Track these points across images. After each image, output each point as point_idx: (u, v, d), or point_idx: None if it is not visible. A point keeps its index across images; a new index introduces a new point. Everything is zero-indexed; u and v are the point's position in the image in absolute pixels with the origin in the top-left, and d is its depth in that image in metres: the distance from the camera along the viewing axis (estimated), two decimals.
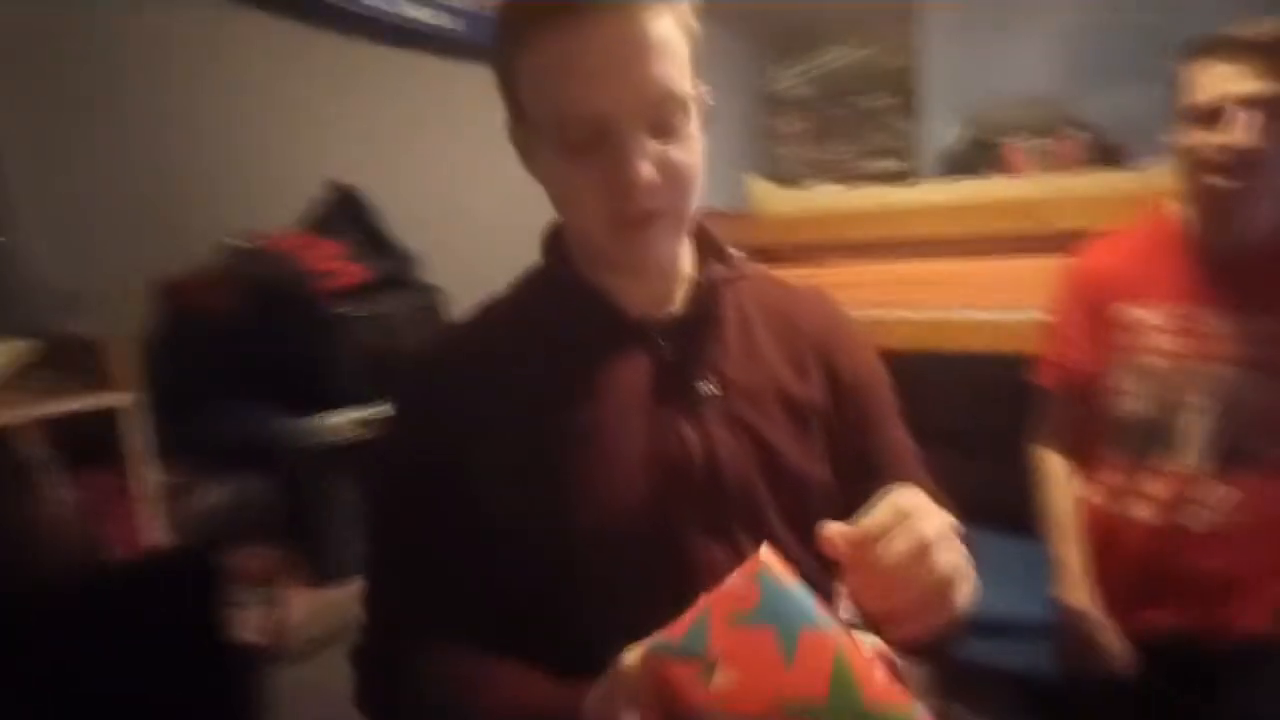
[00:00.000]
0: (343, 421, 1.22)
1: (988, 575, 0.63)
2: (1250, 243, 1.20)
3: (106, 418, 1.15)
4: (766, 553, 0.51)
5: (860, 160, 3.33)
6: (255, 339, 1.20)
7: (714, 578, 0.58)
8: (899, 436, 0.80)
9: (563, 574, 0.66)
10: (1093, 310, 1.34)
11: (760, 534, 0.67)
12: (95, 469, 1.16)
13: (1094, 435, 1.36)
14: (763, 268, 0.82)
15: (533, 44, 0.60)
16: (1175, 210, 1.30)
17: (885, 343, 2.18)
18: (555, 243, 0.74)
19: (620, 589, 0.65)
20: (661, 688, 0.47)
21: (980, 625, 0.66)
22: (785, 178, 3.10)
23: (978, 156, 2.42)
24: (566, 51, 0.58)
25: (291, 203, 1.56)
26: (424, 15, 1.95)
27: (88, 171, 1.40)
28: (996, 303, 1.98)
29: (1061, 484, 1.38)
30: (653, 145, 0.61)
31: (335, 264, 1.28)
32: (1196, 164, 1.17)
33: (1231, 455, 1.20)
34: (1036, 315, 1.89)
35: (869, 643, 0.54)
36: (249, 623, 1.20)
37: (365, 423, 1.25)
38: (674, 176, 0.62)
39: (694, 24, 0.64)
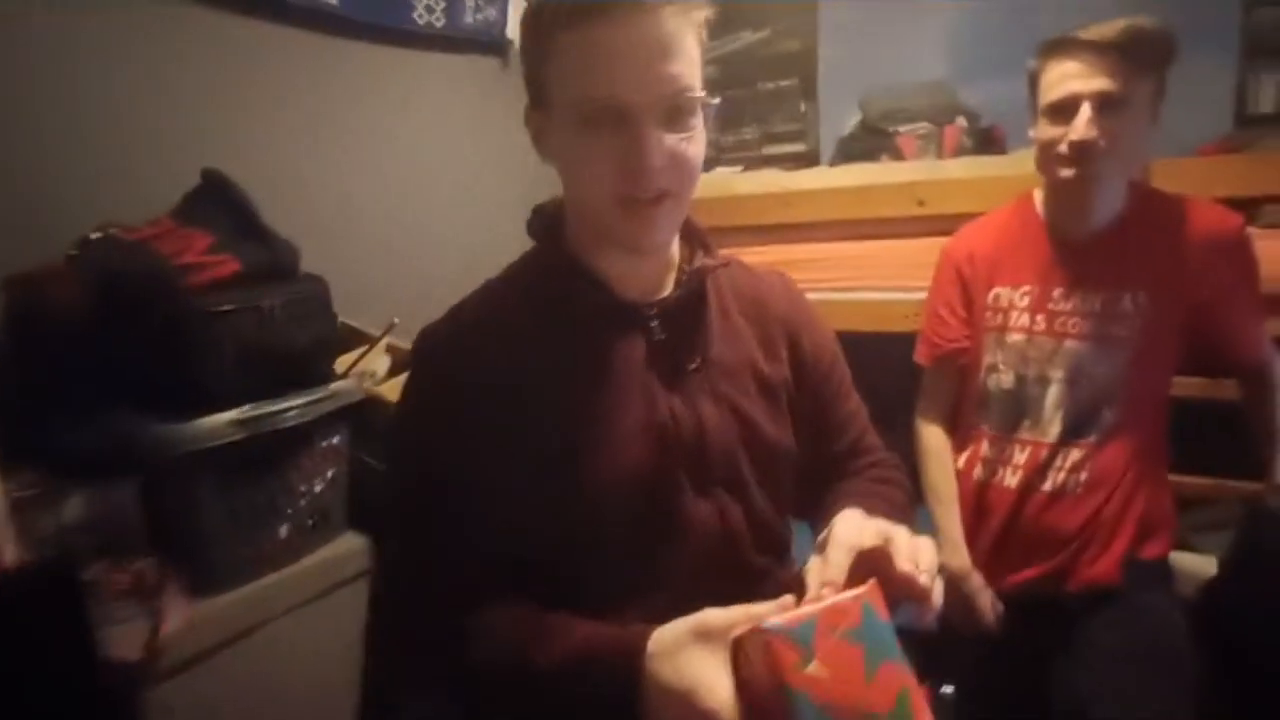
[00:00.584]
0: (215, 424, 1.16)
1: None
2: (1096, 228, 1.30)
3: None
4: (873, 586, 0.60)
5: (766, 144, 3.38)
6: (110, 337, 1.11)
7: (701, 531, 0.76)
8: (853, 405, 0.94)
9: (573, 528, 0.74)
10: (963, 290, 1.42)
11: (739, 494, 0.79)
12: None
13: (967, 409, 1.44)
14: (735, 255, 0.90)
15: (566, 35, 0.67)
16: (1037, 197, 1.38)
17: None
18: (550, 227, 0.82)
19: (621, 541, 0.74)
20: (766, 656, 0.55)
21: None
22: None
23: (872, 142, 2.49)
24: (597, 44, 0.66)
25: (162, 191, 1.44)
26: None
27: None
28: (888, 283, 2.06)
29: (939, 455, 1.46)
30: (665, 135, 0.69)
31: (203, 256, 1.20)
32: (1049, 156, 1.24)
33: (1079, 422, 1.30)
34: (919, 295, 2.00)
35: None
36: (121, 639, 1.13)
37: (239, 423, 1.19)
38: (680, 164, 0.70)
39: (704, 32, 0.72)
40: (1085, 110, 1.18)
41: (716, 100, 0.74)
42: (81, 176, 1.46)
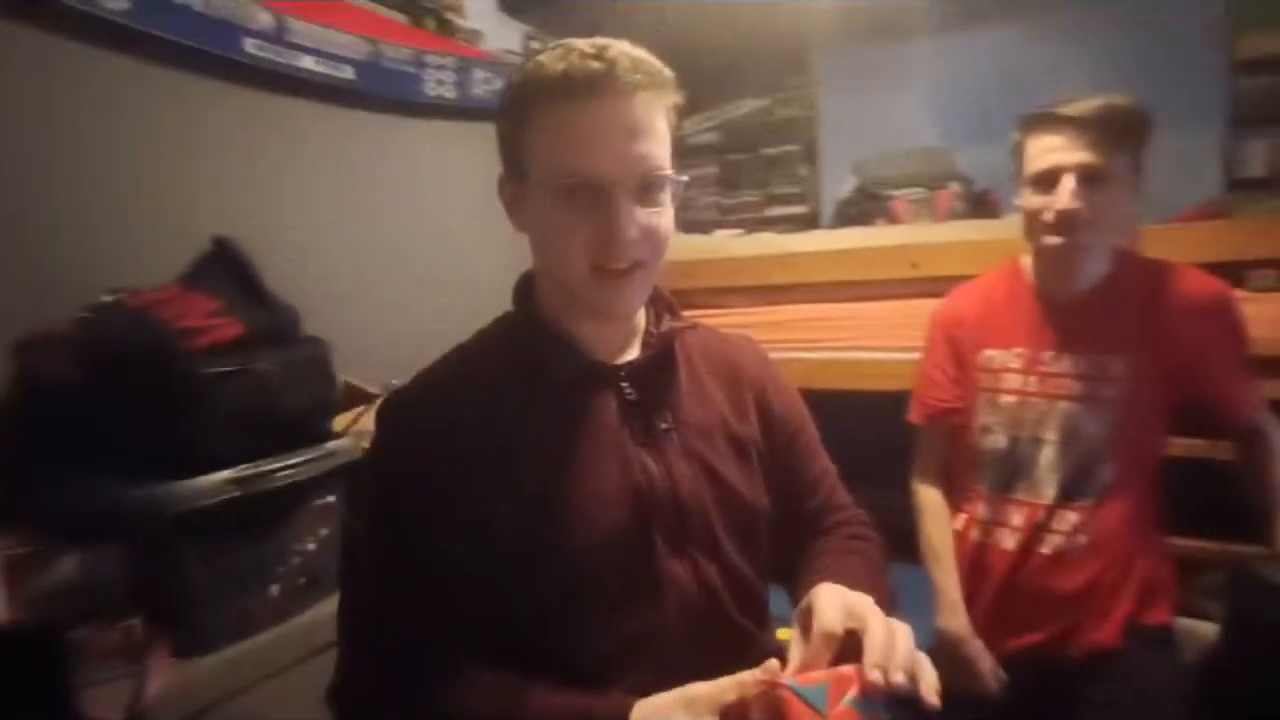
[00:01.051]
0: (205, 484, 1.18)
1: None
2: (1082, 291, 1.32)
3: None
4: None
5: (767, 206, 3.46)
6: (106, 401, 1.15)
7: (680, 593, 0.76)
8: (822, 463, 0.94)
9: (549, 592, 0.73)
10: (954, 352, 1.43)
11: (713, 552, 0.79)
12: None
13: (962, 469, 1.44)
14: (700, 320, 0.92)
15: (546, 111, 0.71)
16: (1025, 262, 1.41)
17: None
18: (527, 293, 0.83)
19: (600, 605, 0.74)
20: (783, 712, 0.58)
21: None
22: (695, 224, 3.19)
23: (869, 206, 2.55)
24: (575, 122, 0.70)
25: (177, 257, 1.50)
26: (316, 65, 1.94)
27: None
28: (883, 343, 2.08)
29: (936, 515, 1.45)
30: (637, 209, 0.72)
31: (205, 320, 1.24)
32: (1035, 224, 1.28)
33: (1074, 483, 1.30)
34: (914, 355, 2.02)
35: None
36: (104, 701, 1.13)
37: (233, 482, 1.21)
38: (651, 237, 0.73)
39: (673, 115, 0.76)
40: (1068, 181, 1.22)
41: (684, 178, 0.77)
42: (95, 240, 1.53)
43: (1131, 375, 1.28)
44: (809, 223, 3.15)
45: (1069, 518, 1.30)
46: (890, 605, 0.74)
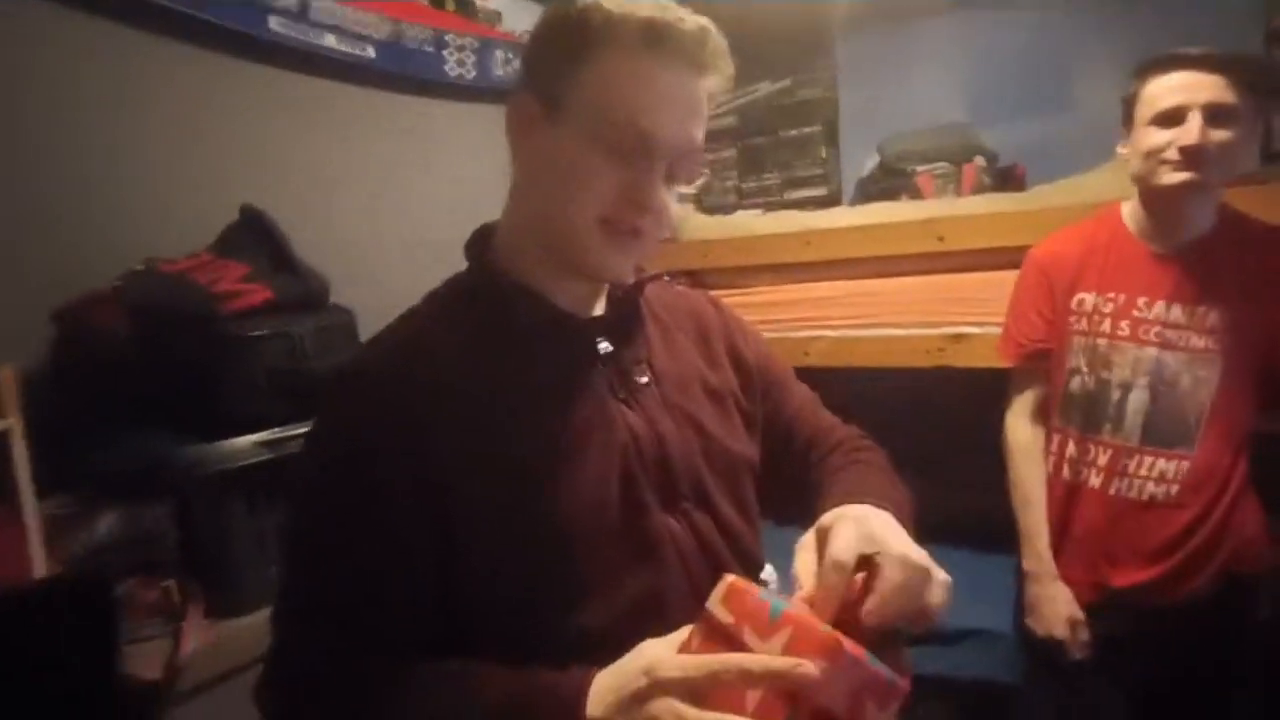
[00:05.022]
0: (244, 445, 1.19)
1: None
2: (1185, 241, 1.32)
3: None
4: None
5: (788, 189, 3.44)
6: (149, 361, 1.16)
7: (676, 549, 0.72)
8: (800, 394, 0.93)
9: (537, 561, 0.67)
10: (1048, 293, 1.45)
11: (706, 506, 0.77)
12: None
13: (1052, 410, 1.45)
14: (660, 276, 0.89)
15: (625, 53, 0.67)
16: (1125, 209, 1.41)
17: (804, 360, 2.22)
18: (483, 248, 0.78)
19: (593, 567, 0.69)
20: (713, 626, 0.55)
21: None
22: (715, 207, 3.18)
23: (892, 183, 2.53)
24: (655, 78, 0.67)
25: (207, 230, 1.53)
26: (338, 44, 1.95)
27: None
28: (909, 319, 2.06)
29: (1029, 457, 1.47)
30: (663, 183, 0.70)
31: (238, 285, 1.26)
32: (1154, 162, 1.27)
33: (1162, 431, 1.30)
34: (945, 330, 2.00)
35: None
36: (142, 658, 1.15)
37: (268, 444, 1.22)
38: (663, 213, 0.72)
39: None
40: (1196, 116, 1.22)
41: (705, 172, 0.75)
42: (129, 214, 1.55)
43: (1227, 329, 1.28)
44: (831, 203, 3.11)
45: (1158, 465, 1.31)
46: (905, 511, 0.72)
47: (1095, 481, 1.36)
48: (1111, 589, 1.36)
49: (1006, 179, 2.29)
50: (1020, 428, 1.48)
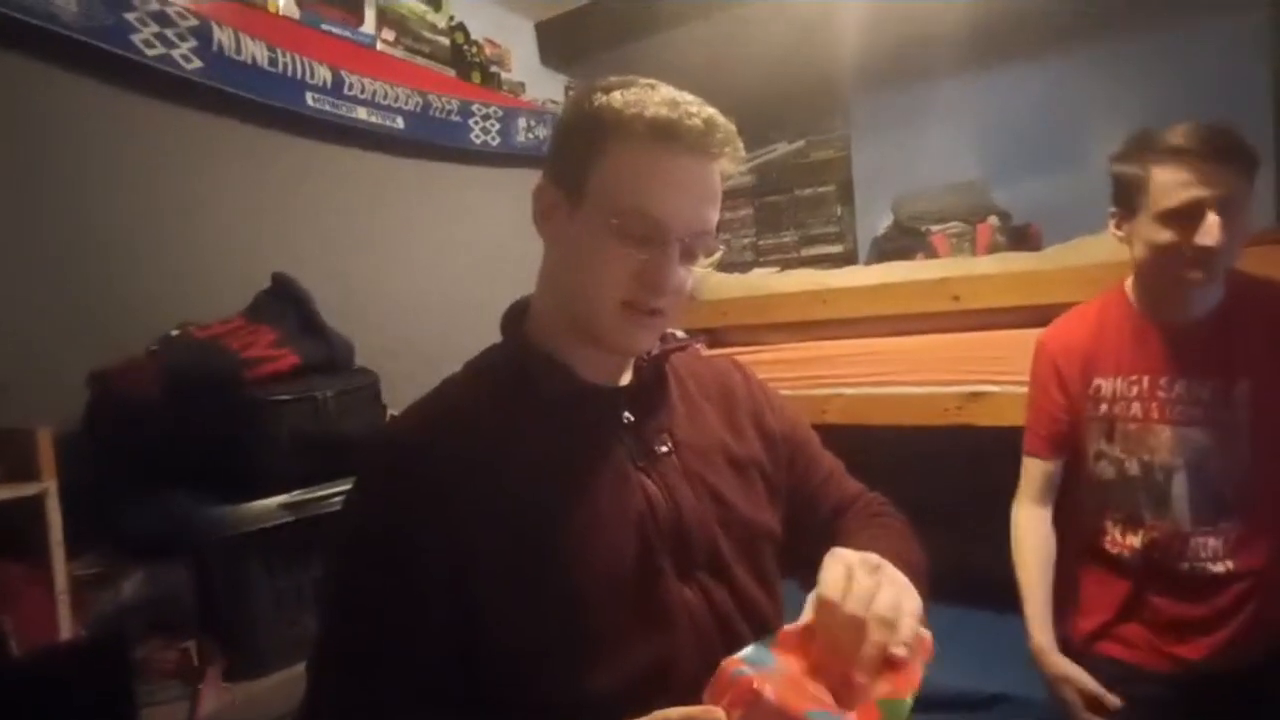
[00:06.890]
0: (265, 507, 1.22)
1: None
2: (1198, 316, 1.31)
3: (26, 507, 1.14)
4: None
5: (804, 246, 3.50)
6: (179, 424, 1.20)
7: (689, 616, 0.73)
8: (827, 465, 0.93)
9: (551, 626, 0.69)
10: (1062, 384, 1.42)
11: (721, 575, 0.77)
12: (10, 559, 1.14)
13: (1081, 498, 1.43)
14: (692, 343, 0.92)
15: (638, 148, 0.71)
16: (1129, 287, 1.40)
17: (823, 418, 2.20)
18: (518, 321, 0.83)
19: (607, 634, 0.70)
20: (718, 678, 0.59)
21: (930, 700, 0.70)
22: (733, 265, 3.23)
23: (907, 241, 2.56)
24: (666, 169, 0.71)
25: (242, 294, 1.59)
26: (368, 115, 2.05)
27: (22, 265, 1.43)
28: (925, 378, 2.06)
29: (1036, 543, 1.44)
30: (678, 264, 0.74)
31: (267, 350, 1.30)
32: (1170, 260, 1.24)
33: (1209, 509, 1.28)
34: (963, 389, 2.00)
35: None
36: (162, 718, 1.16)
37: (288, 507, 1.25)
38: (680, 291, 0.75)
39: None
40: (1212, 216, 1.18)
41: (721, 248, 0.78)
42: (168, 279, 1.62)
43: (1253, 396, 1.26)
44: (846, 261, 3.17)
45: (1209, 544, 1.29)
46: (919, 572, 0.73)
47: (1148, 566, 1.33)
48: (1172, 657, 1.33)
49: (1021, 238, 2.31)
50: (1033, 515, 1.46)
